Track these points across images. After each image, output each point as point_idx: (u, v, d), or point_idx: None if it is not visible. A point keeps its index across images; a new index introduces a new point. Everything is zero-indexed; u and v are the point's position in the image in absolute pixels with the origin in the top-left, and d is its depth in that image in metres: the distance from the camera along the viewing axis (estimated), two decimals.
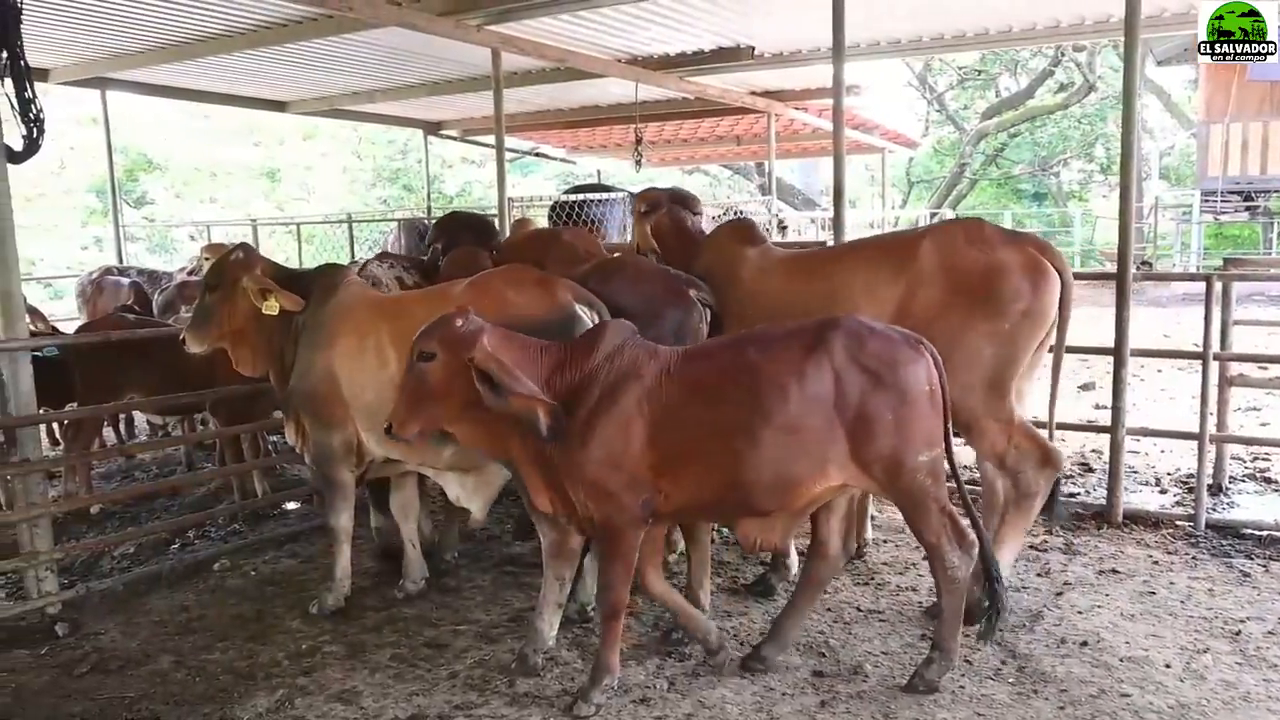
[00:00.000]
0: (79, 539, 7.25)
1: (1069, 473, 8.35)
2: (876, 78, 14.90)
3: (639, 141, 12.46)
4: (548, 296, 4.82)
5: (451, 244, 7.02)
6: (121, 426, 10.37)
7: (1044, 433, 5.63)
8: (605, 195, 12.33)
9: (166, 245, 23.79)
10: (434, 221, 7.58)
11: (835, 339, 4.30)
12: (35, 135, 5.87)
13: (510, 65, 11.61)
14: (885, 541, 6.81)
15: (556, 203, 11.38)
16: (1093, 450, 8.92)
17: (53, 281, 20.69)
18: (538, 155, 21.71)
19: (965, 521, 4.55)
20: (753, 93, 14.22)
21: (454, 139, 18.33)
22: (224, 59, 11.16)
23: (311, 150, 33.00)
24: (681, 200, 6.58)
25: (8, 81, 5.74)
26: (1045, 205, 33.63)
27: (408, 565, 6.10)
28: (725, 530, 6.62)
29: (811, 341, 4.33)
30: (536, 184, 31.38)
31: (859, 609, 5.71)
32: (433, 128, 17.41)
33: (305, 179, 33.42)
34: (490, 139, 18.19)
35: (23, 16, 5.72)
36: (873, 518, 7.21)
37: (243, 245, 5.91)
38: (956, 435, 5.01)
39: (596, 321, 4.83)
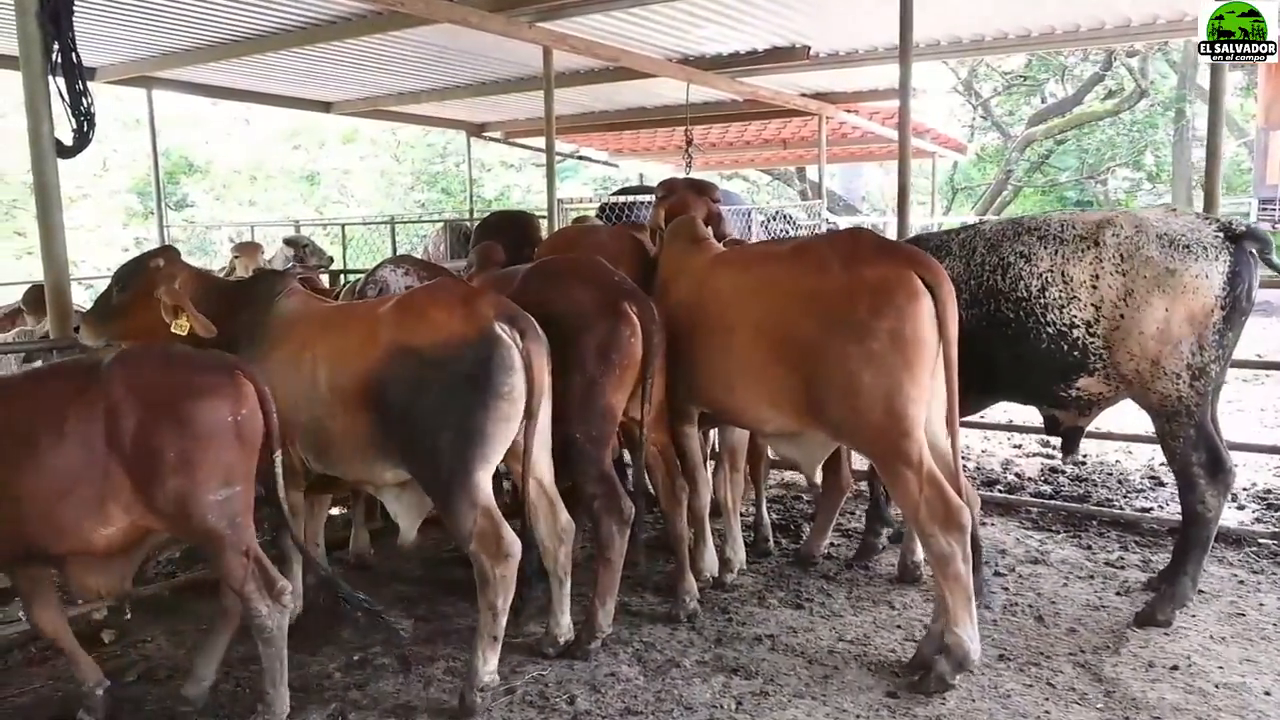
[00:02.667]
0: None
1: (1139, 486, 8.09)
2: (925, 82, 14.64)
3: (689, 143, 12.22)
4: (469, 314, 4.55)
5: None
6: None
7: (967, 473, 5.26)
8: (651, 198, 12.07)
9: (206, 247, 23.74)
10: (477, 224, 7.36)
11: (114, 372, 4.05)
12: (86, 129, 5.77)
13: (557, 65, 11.43)
14: None
15: (604, 204, 11.17)
16: (1161, 464, 8.62)
17: (93, 282, 20.63)
18: (580, 159, 21.50)
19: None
20: (804, 94, 13.97)
21: (497, 141, 18.17)
22: (271, 58, 11.06)
23: (351, 154, 32.96)
24: (697, 188, 6.39)
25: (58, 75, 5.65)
26: None
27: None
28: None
29: (87, 376, 4.09)
30: (574, 188, 31.23)
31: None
32: (476, 130, 17.25)
33: (344, 182, 33.43)
34: (533, 141, 18.18)
35: (74, 9, 5.65)
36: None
37: (166, 250, 5.58)
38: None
39: (519, 340, 4.57)
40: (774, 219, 13.30)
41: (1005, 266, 5.59)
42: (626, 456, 6.28)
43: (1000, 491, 7.86)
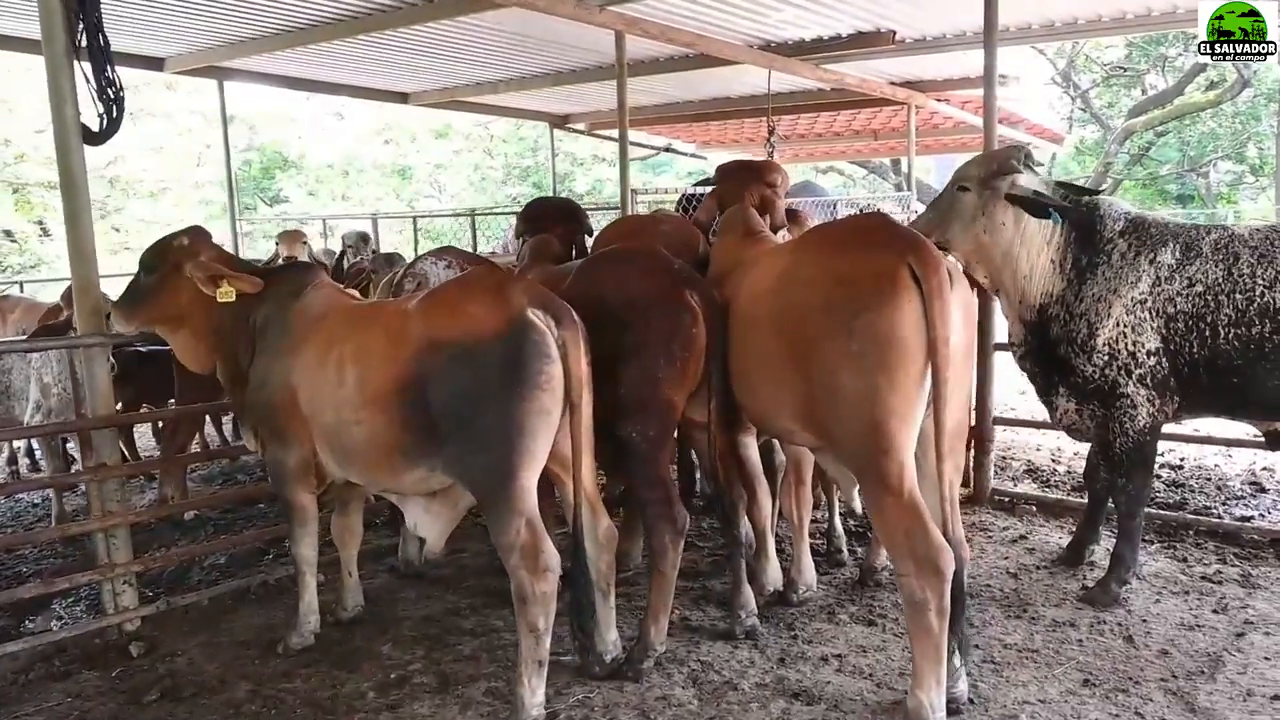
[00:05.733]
0: (169, 547, 6.98)
1: (1240, 493, 7.56)
2: (1021, 70, 14.07)
3: (771, 133, 11.83)
4: (500, 302, 4.29)
5: (536, 233, 6.54)
6: (226, 428, 10.18)
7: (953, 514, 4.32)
8: None
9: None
10: (518, 214, 7.10)
11: None
12: (115, 115, 5.68)
13: (636, 53, 11.16)
14: (1038, 568, 6.15)
15: (685, 195, 10.88)
16: (1264, 469, 8.11)
17: None
18: (669, 151, 21.19)
19: None
20: (892, 83, 13.48)
21: (581, 133, 17.95)
22: (345, 47, 10.97)
23: (444, 148, 33.17)
24: (751, 171, 6.01)
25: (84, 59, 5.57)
26: (1192, 207, 32.03)
27: (342, 592, 5.78)
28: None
29: None
30: (669, 183, 31.08)
31: (1009, 646, 5.09)
32: (559, 121, 17.07)
33: (436, 176, 33.66)
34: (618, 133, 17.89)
35: None
36: (1023, 537, 6.62)
37: (191, 230, 5.49)
38: None
39: (553, 327, 4.29)
40: (863, 211, 12.89)
41: None
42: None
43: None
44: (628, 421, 4.73)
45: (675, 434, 5.25)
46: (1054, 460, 8.65)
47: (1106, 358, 5.43)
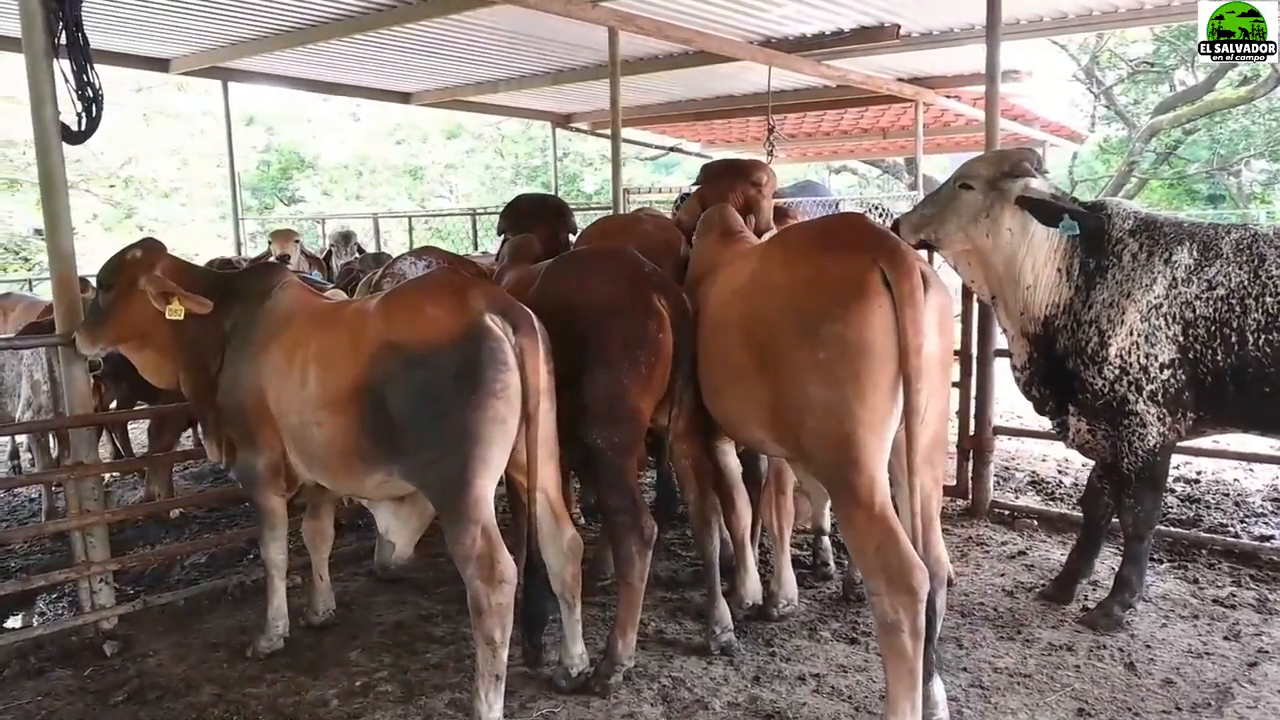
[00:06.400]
0: (155, 545, 6.99)
1: (1259, 510, 7.22)
2: (1039, 66, 13.70)
3: (770, 131, 11.61)
4: (458, 306, 4.17)
5: (519, 232, 6.31)
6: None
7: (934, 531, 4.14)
8: None
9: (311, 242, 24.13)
10: (501, 211, 6.87)
11: None
12: (94, 114, 5.58)
13: (633, 51, 11.03)
14: (1037, 586, 5.86)
15: (684, 194, 10.68)
16: None
17: None
18: (675, 151, 20.97)
19: None
20: (899, 79, 13.17)
21: (584, 132, 17.77)
22: (345, 48, 10.91)
23: (455, 148, 33.29)
24: (736, 171, 5.83)
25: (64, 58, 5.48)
26: (1223, 208, 31.46)
27: (313, 596, 5.71)
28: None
29: None
30: (678, 182, 30.95)
31: (1000, 670, 4.83)
32: (562, 120, 16.92)
33: (446, 176, 33.74)
34: (625, 132, 17.70)
35: None
36: (1022, 553, 6.34)
37: (144, 242, 5.36)
38: None
39: (510, 334, 4.14)
40: (870, 211, 12.62)
41: None
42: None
43: None
44: (593, 429, 4.57)
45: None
46: (1060, 472, 8.34)
47: (1117, 371, 5.10)
